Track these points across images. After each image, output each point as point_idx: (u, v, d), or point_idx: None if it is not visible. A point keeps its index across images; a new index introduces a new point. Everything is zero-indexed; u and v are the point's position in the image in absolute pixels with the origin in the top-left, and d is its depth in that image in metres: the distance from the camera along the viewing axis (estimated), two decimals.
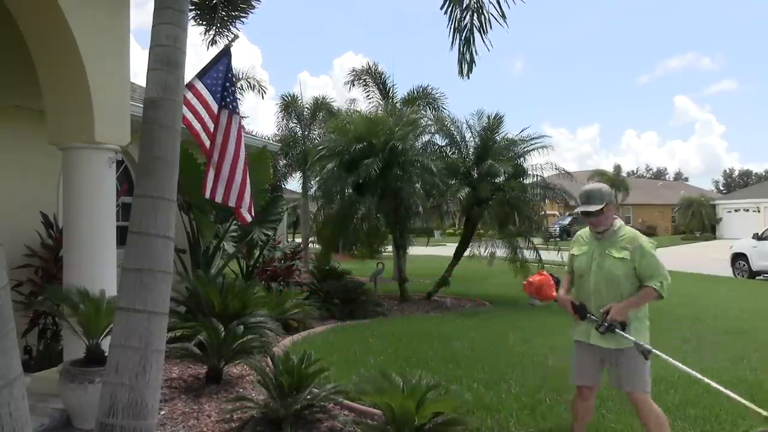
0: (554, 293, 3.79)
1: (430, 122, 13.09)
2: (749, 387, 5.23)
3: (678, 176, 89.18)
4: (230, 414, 4.34)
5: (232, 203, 5.78)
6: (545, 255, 12.06)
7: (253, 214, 6.09)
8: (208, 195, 5.67)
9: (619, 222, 3.57)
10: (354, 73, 17.16)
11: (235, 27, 6.58)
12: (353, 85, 17.25)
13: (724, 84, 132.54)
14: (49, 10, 4.25)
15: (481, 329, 8.17)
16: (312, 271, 11.19)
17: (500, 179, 12.09)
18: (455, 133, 12.32)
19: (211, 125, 5.74)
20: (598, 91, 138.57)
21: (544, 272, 3.96)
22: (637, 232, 3.51)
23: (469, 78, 4.97)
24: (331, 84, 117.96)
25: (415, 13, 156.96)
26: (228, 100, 5.82)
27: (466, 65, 4.92)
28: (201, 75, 5.88)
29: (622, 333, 3.38)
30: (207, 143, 5.76)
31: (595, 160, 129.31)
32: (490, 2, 4.69)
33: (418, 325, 8.32)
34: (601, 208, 3.45)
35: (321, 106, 17.30)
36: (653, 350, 3.37)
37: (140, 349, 2.66)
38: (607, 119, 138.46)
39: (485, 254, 12.42)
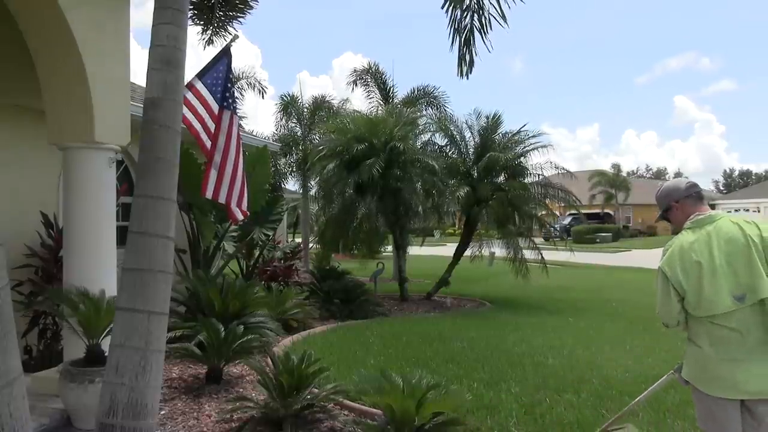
0: None
1: (430, 122, 13.11)
2: None
3: (678, 176, 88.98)
4: (230, 414, 4.34)
5: (234, 203, 5.83)
6: (547, 255, 12.07)
7: (247, 212, 6.12)
8: (210, 195, 5.69)
9: (686, 225, 2.86)
10: (356, 73, 17.17)
11: (232, 27, 6.59)
12: (356, 85, 17.25)
13: (724, 84, 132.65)
14: (48, 10, 4.25)
15: (481, 329, 8.16)
16: (312, 271, 11.19)
17: (500, 178, 12.11)
18: (455, 132, 12.34)
19: (211, 125, 5.75)
20: (597, 91, 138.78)
21: None
22: (672, 241, 2.85)
23: (468, 78, 4.96)
24: (331, 84, 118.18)
25: (415, 13, 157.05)
26: (230, 101, 5.87)
27: (465, 66, 4.91)
28: (201, 75, 5.88)
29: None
30: (207, 143, 5.76)
31: (594, 160, 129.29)
32: (491, 3, 4.67)
33: (418, 325, 8.32)
34: (662, 214, 3.04)
35: (320, 105, 17.29)
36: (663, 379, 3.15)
37: (140, 349, 2.66)
38: (607, 119, 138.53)
39: (485, 254, 12.44)
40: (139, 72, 4.72)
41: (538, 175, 12.09)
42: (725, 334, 2.62)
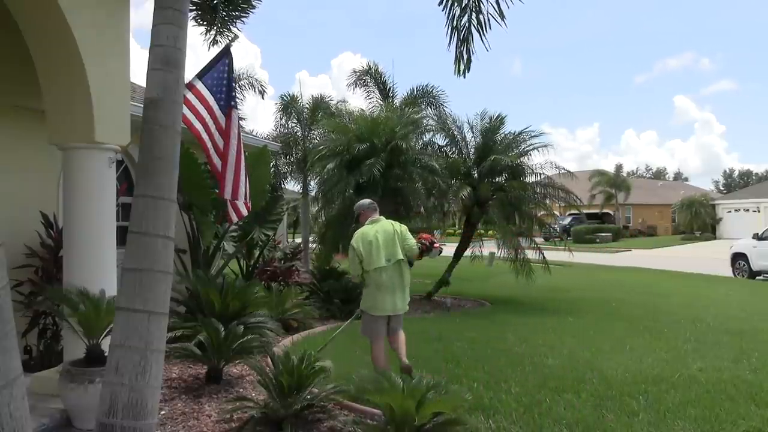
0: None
1: (431, 122, 13.07)
2: (749, 387, 5.23)
3: (678, 176, 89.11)
4: (230, 414, 4.34)
5: (241, 200, 5.99)
6: (547, 255, 12.05)
7: (248, 209, 6.23)
8: (228, 196, 5.88)
9: (367, 222, 5.31)
10: (356, 73, 17.11)
11: (235, 27, 6.59)
12: (356, 86, 17.19)
13: (724, 84, 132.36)
14: (49, 10, 4.25)
15: (481, 329, 8.16)
16: (312, 272, 11.18)
17: (501, 179, 12.09)
18: (456, 133, 12.32)
19: (212, 125, 5.78)
20: (597, 91, 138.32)
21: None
22: (359, 231, 5.25)
23: (465, 77, 4.99)
24: (330, 84, 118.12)
25: (412, 12, 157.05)
26: (234, 101, 5.94)
27: (463, 64, 4.90)
28: (201, 75, 5.89)
29: None
30: (208, 143, 5.79)
31: (594, 160, 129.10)
32: (490, 2, 4.66)
33: (418, 325, 8.31)
34: (356, 217, 5.60)
35: (320, 105, 17.26)
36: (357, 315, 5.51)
37: (140, 349, 2.66)
38: (607, 119, 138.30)
39: (485, 254, 12.42)
40: (139, 72, 4.73)
41: (539, 174, 12.09)
42: (382, 279, 5.01)
